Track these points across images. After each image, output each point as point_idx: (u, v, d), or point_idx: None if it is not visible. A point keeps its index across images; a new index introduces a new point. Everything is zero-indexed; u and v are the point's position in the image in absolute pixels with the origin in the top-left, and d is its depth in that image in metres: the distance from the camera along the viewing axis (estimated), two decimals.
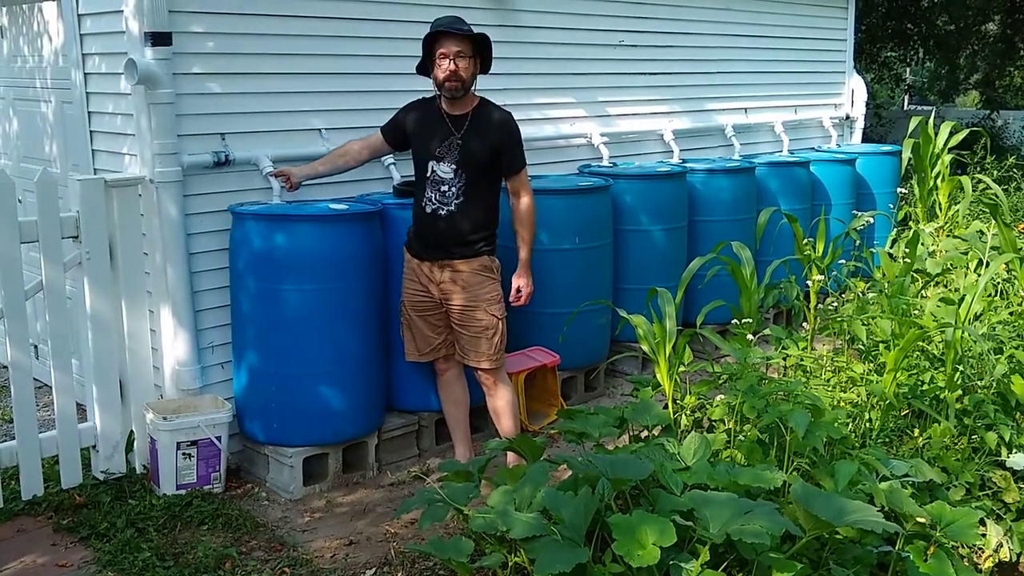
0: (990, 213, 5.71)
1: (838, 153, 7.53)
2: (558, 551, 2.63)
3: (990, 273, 4.36)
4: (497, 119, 4.02)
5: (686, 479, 2.96)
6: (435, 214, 4.00)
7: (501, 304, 4.11)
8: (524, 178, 4.10)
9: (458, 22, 3.92)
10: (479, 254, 4.04)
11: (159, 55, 3.97)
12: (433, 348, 4.21)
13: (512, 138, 4.04)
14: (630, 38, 6.16)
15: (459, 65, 3.86)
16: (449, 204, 3.98)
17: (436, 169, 3.98)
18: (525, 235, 4.12)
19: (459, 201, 3.97)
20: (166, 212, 4.08)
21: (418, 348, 4.23)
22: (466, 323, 4.08)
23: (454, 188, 3.96)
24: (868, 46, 16.14)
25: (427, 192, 4.01)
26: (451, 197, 3.97)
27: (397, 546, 3.74)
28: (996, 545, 3.37)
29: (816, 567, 2.82)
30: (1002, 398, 3.95)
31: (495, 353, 4.11)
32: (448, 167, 3.96)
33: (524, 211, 4.10)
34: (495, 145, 3.98)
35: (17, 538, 3.78)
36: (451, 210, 3.98)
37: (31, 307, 4.17)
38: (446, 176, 3.97)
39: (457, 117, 4.00)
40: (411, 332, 4.22)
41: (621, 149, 6.18)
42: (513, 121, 4.07)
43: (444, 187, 3.97)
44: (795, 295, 4.91)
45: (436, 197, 3.99)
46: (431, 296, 4.11)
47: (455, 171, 3.95)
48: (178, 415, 4.08)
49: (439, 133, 4.00)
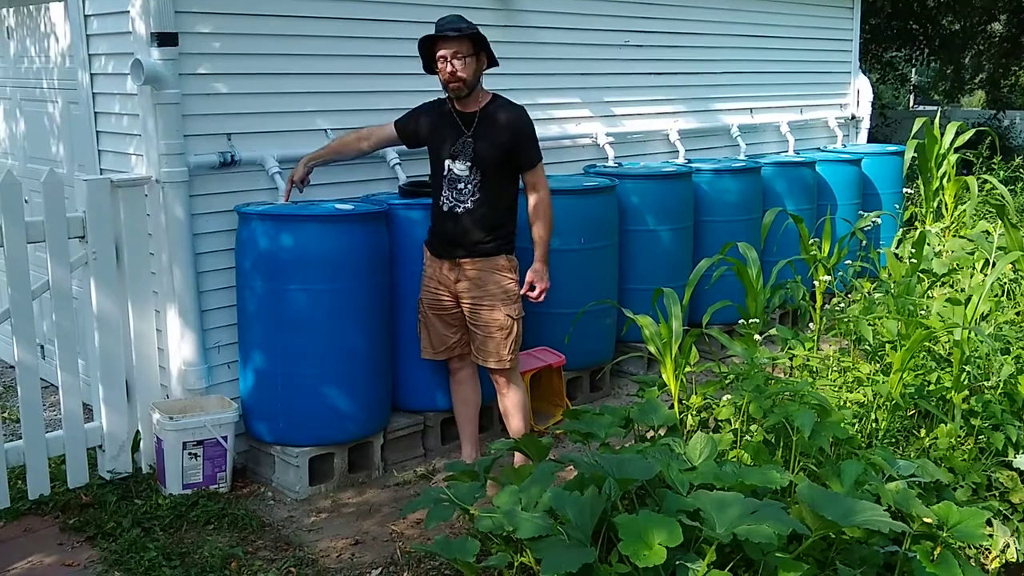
0: (996, 213, 5.71)
1: (844, 153, 7.52)
2: (564, 551, 2.63)
3: (996, 273, 4.35)
4: (509, 115, 4.01)
5: (692, 479, 2.96)
6: (452, 212, 4.01)
7: (518, 304, 4.10)
8: (540, 173, 4.06)
9: (455, 21, 3.91)
10: (496, 252, 4.04)
11: (165, 55, 3.98)
12: (448, 347, 4.21)
13: (524, 133, 4.01)
14: (636, 38, 6.16)
15: (456, 66, 3.86)
16: (465, 202, 3.98)
17: (452, 168, 3.99)
18: (541, 230, 4.07)
19: (475, 199, 3.97)
20: (172, 212, 4.09)
21: (433, 346, 4.23)
22: (480, 322, 4.08)
23: (469, 186, 3.97)
24: (873, 46, 16.11)
25: (444, 191, 4.03)
26: (467, 195, 3.98)
27: (403, 546, 3.74)
28: (1003, 546, 3.36)
29: (822, 567, 2.82)
30: (1009, 398, 3.94)
31: (509, 353, 4.10)
32: (463, 165, 3.96)
33: (540, 206, 4.06)
34: (507, 141, 3.97)
35: (24, 537, 3.79)
36: (467, 207, 3.98)
37: (38, 307, 4.19)
38: (461, 174, 3.97)
39: (468, 115, 4.00)
40: (427, 330, 4.22)
41: (627, 149, 6.18)
42: (525, 116, 4.04)
43: (460, 185, 3.98)
44: (801, 295, 4.90)
45: (452, 195, 4.00)
46: (448, 295, 4.11)
47: (470, 169, 3.96)
48: (184, 415, 4.08)
49: (452, 132, 4.00)
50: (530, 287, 4.09)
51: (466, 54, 3.87)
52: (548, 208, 4.08)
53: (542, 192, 4.06)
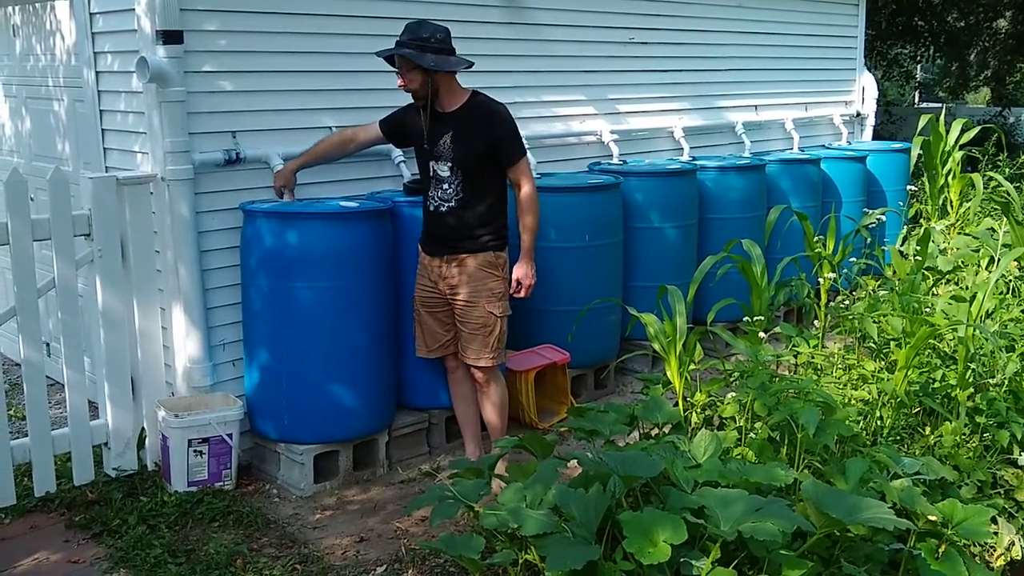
0: (1002, 210, 5.69)
1: (849, 150, 7.50)
2: (569, 548, 2.63)
3: (1001, 270, 4.34)
4: (485, 113, 4.01)
5: (697, 476, 2.96)
6: (438, 211, 4.04)
7: (503, 302, 4.10)
8: (523, 168, 4.05)
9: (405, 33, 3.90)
10: (484, 249, 4.04)
11: (171, 53, 3.98)
12: (441, 345, 4.22)
13: (502, 130, 4.00)
14: (640, 36, 6.15)
15: (404, 80, 3.93)
16: (449, 201, 4.00)
17: (435, 168, 4.02)
18: (526, 224, 4.07)
19: (459, 197, 3.99)
20: (177, 210, 4.10)
21: (427, 344, 4.24)
22: (465, 318, 4.09)
23: (452, 185, 3.99)
24: (878, 43, 16.07)
25: (430, 191, 4.06)
26: (451, 194, 4.00)
27: (408, 543, 3.74)
28: (1008, 543, 3.35)
29: (827, 565, 2.82)
30: (1014, 396, 3.93)
31: (491, 351, 4.10)
32: (444, 165, 3.99)
33: (524, 200, 4.06)
34: (486, 139, 3.97)
35: (30, 534, 3.80)
36: (452, 206, 4.00)
37: (43, 305, 4.19)
38: (444, 174, 4.00)
39: (447, 115, 4.00)
40: (421, 328, 4.23)
41: (631, 147, 6.18)
42: (503, 112, 4.03)
43: (444, 185, 4.00)
44: (806, 293, 4.90)
45: (438, 195, 4.03)
46: (439, 292, 4.13)
47: (451, 168, 3.98)
48: (189, 412, 4.09)
49: (432, 133, 4.01)
50: (516, 284, 4.10)
51: (407, 69, 3.90)
52: (533, 203, 4.06)
53: (526, 187, 4.05)
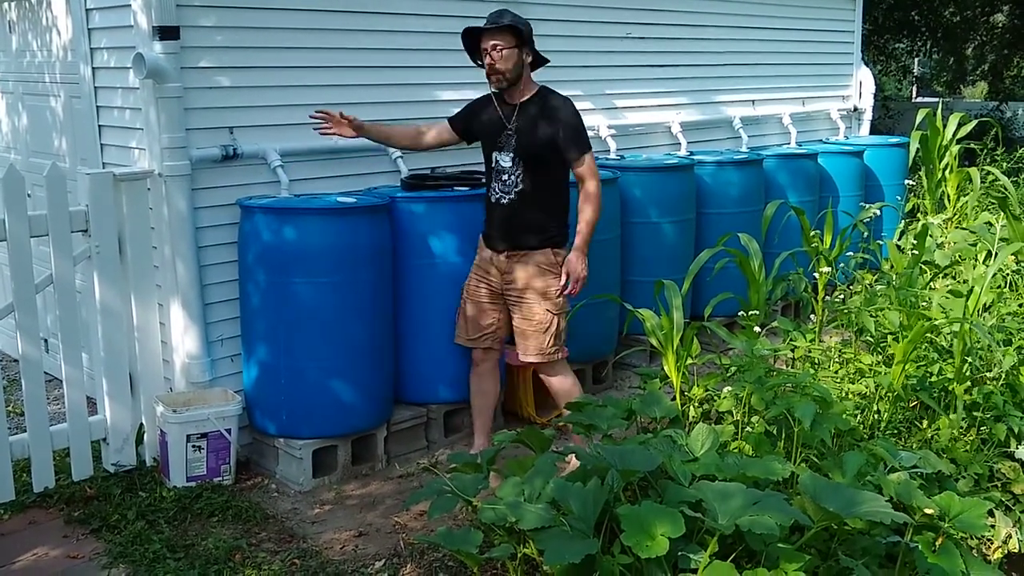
0: (999, 205, 5.71)
1: (846, 145, 7.51)
2: (567, 542, 2.64)
3: (998, 264, 4.36)
4: (550, 107, 4.01)
5: (694, 470, 2.97)
6: (497, 203, 4.06)
7: (561, 299, 4.09)
8: (586, 164, 4.00)
9: (499, 15, 3.92)
10: (543, 246, 4.05)
11: (167, 49, 3.98)
12: (482, 335, 4.22)
13: (565, 125, 3.98)
14: (637, 30, 6.15)
15: (495, 57, 3.89)
16: (509, 193, 4.02)
17: (498, 159, 4.04)
18: (585, 218, 4.02)
19: (519, 189, 4.01)
20: (175, 206, 4.10)
21: (468, 332, 4.23)
22: (522, 315, 4.10)
23: (513, 177, 4.01)
24: (875, 37, 16.08)
25: (492, 182, 4.09)
26: (511, 186, 4.02)
27: (406, 537, 3.75)
28: (1005, 536, 3.37)
29: (824, 558, 2.83)
30: (1011, 389, 3.94)
31: (548, 348, 4.11)
32: (507, 156, 4.01)
33: (583, 198, 4.02)
34: (548, 133, 3.97)
35: (29, 530, 3.80)
36: (512, 198, 4.02)
37: (41, 301, 4.19)
38: (506, 166, 4.02)
39: (512, 107, 4.03)
40: (464, 316, 4.24)
41: (629, 142, 6.18)
42: (569, 107, 4.02)
43: (505, 176, 4.03)
44: (803, 287, 4.91)
45: (499, 187, 4.05)
46: (492, 286, 4.14)
47: (513, 160, 3.99)
48: (188, 408, 4.09)
49: (497, 124, 4.04)
50: (566, 277, 4.03)
51: (505, 46, 3.88)
52: (593, 200, 4.01)
53: (590, 184, 4.01)
